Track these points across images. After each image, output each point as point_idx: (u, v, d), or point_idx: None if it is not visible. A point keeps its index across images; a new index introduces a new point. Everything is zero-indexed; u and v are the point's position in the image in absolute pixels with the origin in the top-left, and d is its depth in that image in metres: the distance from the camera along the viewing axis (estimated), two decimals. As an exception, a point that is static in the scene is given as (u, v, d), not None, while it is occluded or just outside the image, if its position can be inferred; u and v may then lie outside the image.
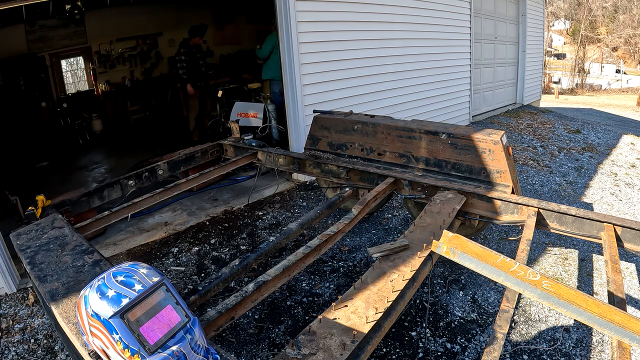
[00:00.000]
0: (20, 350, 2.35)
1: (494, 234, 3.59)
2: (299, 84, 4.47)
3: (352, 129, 3.35)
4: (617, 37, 30.84)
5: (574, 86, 26.59)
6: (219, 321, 1.69)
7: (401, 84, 5.90)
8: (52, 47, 7.65)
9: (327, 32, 4.73)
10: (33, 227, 2.27)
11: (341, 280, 2.88)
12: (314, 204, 4.18)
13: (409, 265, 1.91)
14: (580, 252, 3.30)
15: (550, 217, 2.42)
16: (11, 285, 2.83)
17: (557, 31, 36.54)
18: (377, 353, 2.23)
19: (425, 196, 2.85)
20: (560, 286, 1.49)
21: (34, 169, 6.18)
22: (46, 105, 7.78)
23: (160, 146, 6.19)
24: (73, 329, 1.41)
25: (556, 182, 4.97)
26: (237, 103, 5.76)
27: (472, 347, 2.28)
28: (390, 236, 3.52)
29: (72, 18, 7.52)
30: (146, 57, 8.90)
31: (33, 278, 1.81)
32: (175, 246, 3.39)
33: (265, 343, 2.32)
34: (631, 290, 2.82)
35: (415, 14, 5.96)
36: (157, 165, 3.57)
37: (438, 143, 2.92)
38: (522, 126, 7.88)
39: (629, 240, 2.18)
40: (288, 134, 4.80)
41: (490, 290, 2.76)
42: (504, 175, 2.66)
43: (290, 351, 1.41)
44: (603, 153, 6.44)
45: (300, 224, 2.51)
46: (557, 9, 32.83)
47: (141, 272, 1.25)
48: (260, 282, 1.88)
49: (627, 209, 4.25)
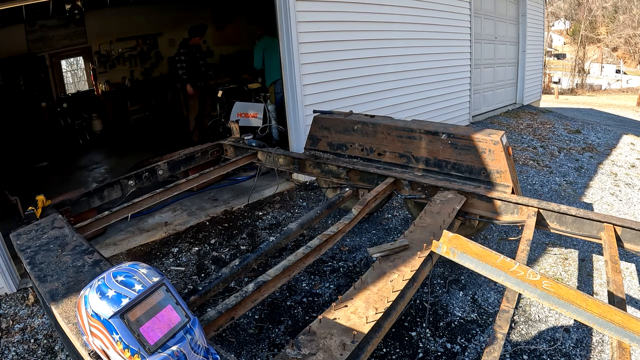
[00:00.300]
0: (20, 350, 2.35)
1: (494, 234, 3.59)
2: (299, 84, 4.47)
3: (352, 129, 3.35)
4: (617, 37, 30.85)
5: (574, 86, 26.59)
6: (219, 321, 1.69)
7: (401, 84, 5.90)
8: (52, 47, 7.65)
9: (327, 32, 4.73)
10: (33, 227, 2.27)
11: (341, 280, 2.88)
12: (314, 204, 4.18)
13: (409, 265, 1.91)
14: (580, 252, 3.30)
15: (550, 217, 2.42)
16: (11, 285, 2.83)
17: (557, 31, 36.55)
18: (377, 353, 2.23)
19: (425, 196, 2.85)
20: (560, 286, 1.49)
21: (34, 169, 6.19)
22: (46, 105, 7.78)
23: (160, 146, 6.19)
24: (73, 329, 1.41)
25: (556, 182, 4.97)
26: (237, 103, 5.76)
27: (472, 347, 2.28)
28: (390, 236, 3.52)
29: (72, 18, 7.52)
30: (146, 57, 8.90)
31: (33, 278, 1.81)
32: (175, 246, 3.39)
33: (265, 343, 2.32)
34: (631, 290, 2.82)
35: (415, 14, 5.96)
36: (157, 165, 3.57)
37: (438, 143, 2.92)
38: (522, 126, 7.88)
39: (629, 241, 2.18)
40: (288, 134, 4.80)
41: (490, 291, 2.76)
42: (504, 176, 2.66)
43: (290, 351, 1.41)
44: (603, 153, 6.44)
45: (300, 224, 2.51)
46: (557, 9, 32.83)
47: (141, 272, 1.25)
48: (260, 282, 1.88)
49: (627, 209, 4.25)
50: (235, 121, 4.34)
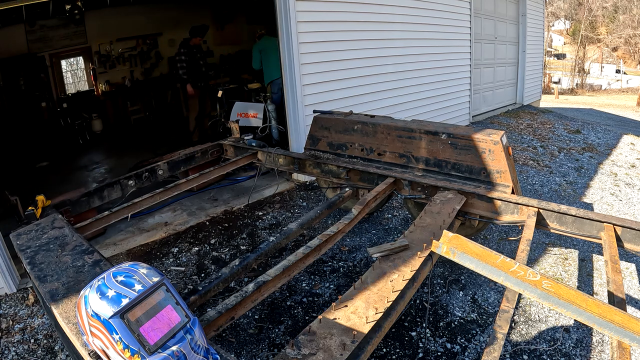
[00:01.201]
0: (20, 350, 2.35)
1: (494, 234, 3.59)
2: (299, 84, 4.47)
3: (352, 129, 3.35)
4: (617, 37, 30.84)
5: (574, 86, 26.58)
6: (219, 321, 1.69)
7: (401, 84, 5.90)
8: (52, 47, 7.65)
9: (327, 32, 4.73)
10: (33, 227, 2.27)
11: (341, 280, 2.88)
12: (314, 204, 4.18)
13: (409, 265, 1.91)
14: (580, 252, 3.30)
15: (550, 217, 2.42)
16: (11, 285, 2.83)
17: (557, 31, 36.54)
18: (377, 353, 2.23)
19: (425, 196, 2.85)
20: (560, 286, 1.49)
21: (34, 169, 6.18)
22: (46, 105, 7.78)
23: (160, 146, 6.19)
24: (73, 329, 1.41)
25: (556, 182, 4.97)
26: (237, 103, 5.76)
27: (472, 347, 2.28)
28: (390, 236, 3.52)
29: (72, 18, 7.52)
30: (146, 57, 8.91)
31: (33, 278, 1.81)
32: (175, 246, 3.39)
33: (265, 343, 2.31)
34: (631, 290, 2.82)
35: (415, 14, 5.96)
36: (157, 166, 3.57)
37: (438, 143, 2.92)
38: (522, 126, 7.88)
39: (629, 240, 2.18)
40: (288, 134, 4.80)
41: (490, 290, 2.76)
42: (504, 176, 2.66)
43: (290, 351, 1.41)
44: (603, 153, 6.44)
45: (300, 224, 2.51)
46: (557, 9, 32.82)
47: (141, 272, 1.25)
48: (260, 282, 1.88)
49: (627, 209, 4.25)
50: (235, 121, 4.34)
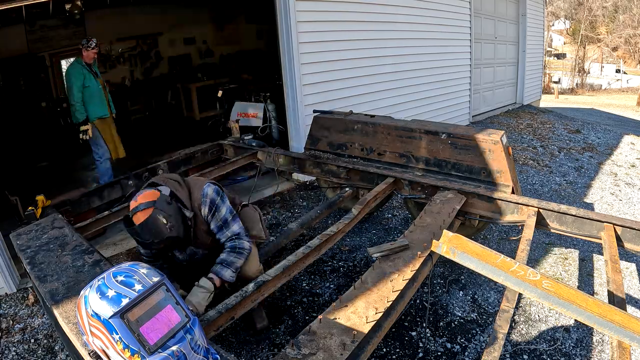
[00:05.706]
0: (20, 350, 2.35)
1: (494, 234, 3.59)
2: (299, 84, 4.47)
3: (352, 129, 3.35)
4: (617, 37, 30.84)
5: (574, 86, 26.57)
6: (219, 321, 1.69)
7: (401, 84, 5.90)
8: (52, 47, 7.64)
9: (327, 32, 4.73)
10: (33, 227, 2.27)
11: (341, 280, 2.88)
12: (314, 204, 4.18)
13: (409, 265, 1.91)
14: (580, 252, 3.30)
15: (551, 217, 2.42)
16: (11, 285, 2.83)
17: (557, 31, 36.53)
18: (377, 353, 2.22)
19: (425, 196, 2.84)
20: (560, 286, 1.49)
21: (34, 169, 6.18)
22: (46, 105, 7.78)
23: (160, 146, 6.18)
24: (73, 329, 1.41)
25: (556, 182, 4.97)
26: (237, 103, 5.76)
27: (472, 347, 2.28)
28: (390, 236, 3.52)
29: (72, 18, 7.50)
30: (146, 57, 8.90)
31: (33, 278, 1.81)
32: (175, 246, 3.38)
33: (265, 343, 2.31)
34: (631, 290, 2.82)
35: (416, 14, 5.96)
36: (157, 165, 3.57)
37: (438, 143, 2.92)
38: (522, 126, 7.88)
39: (629, 240, 2.18)
40: (288, 134, 4.80)
41: (490, 290, 2.76)
42: (504, 175, 2.66)
43: (290, 351, 1.41)
44: (603, 153, 6.44)
45: (300, 224, 2.52)
46: (557, 9, 32.80)
47: (141, 272, 1.25)
48: (260, 282, 1.88)
49: (627, 209, 4.24)
50: (235, 121, 4.34)
